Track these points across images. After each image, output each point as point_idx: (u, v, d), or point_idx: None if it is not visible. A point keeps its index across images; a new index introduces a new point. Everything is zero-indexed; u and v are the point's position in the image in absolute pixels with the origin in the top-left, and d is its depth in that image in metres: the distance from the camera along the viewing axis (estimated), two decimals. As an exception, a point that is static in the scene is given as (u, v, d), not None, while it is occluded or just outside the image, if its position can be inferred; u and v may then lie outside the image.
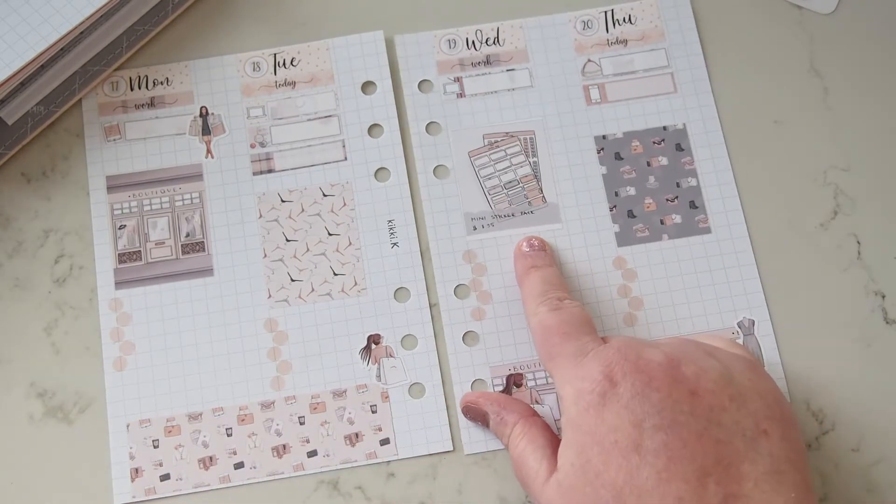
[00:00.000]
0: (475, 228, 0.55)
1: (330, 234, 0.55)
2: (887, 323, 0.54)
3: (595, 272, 0.54)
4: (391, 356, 0.53)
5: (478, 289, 0.54)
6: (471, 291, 0.54)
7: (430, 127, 0.57)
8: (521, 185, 0.55)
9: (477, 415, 0.50)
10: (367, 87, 0.57)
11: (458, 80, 0.57)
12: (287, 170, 0.56)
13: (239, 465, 0.51)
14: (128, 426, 0.52)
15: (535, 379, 0.52)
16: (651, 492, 0.40)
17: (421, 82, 0.57)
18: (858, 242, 0.55)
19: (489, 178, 0.55)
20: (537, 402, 0.51)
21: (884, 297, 0.54)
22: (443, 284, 0.54)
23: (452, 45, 0.58)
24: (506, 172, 0.56)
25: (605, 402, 0.42)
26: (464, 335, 0.53)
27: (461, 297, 0.54)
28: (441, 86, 0.57)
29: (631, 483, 0.40)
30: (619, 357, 0.43)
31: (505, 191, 0.55)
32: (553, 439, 0.46)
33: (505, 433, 0.49)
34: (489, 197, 0.55)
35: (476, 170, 0.56)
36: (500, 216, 0.55)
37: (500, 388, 0.52)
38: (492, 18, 0.59)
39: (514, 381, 0.52)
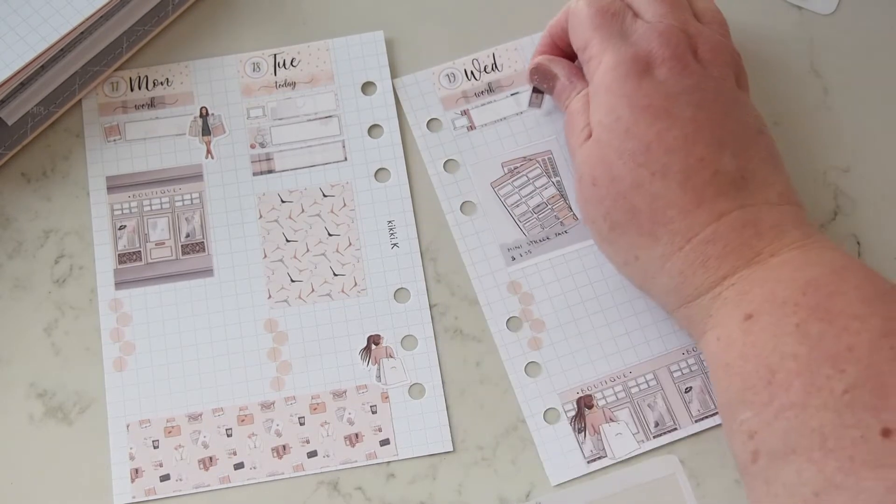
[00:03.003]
0: (514, 259, 0.54)
1: (330, 235, 0.55)
2: (887, 323, 0.54)
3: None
4: (391, 357, 0.53)
5: (529, 318, 0.53)
6: (523, 322, 0.53)
7: (448, 165, 0.56)
8: (549, 206, 0.55)
9: (545, 77, 0.54)
10: (367, 87, 0.57)
11: (465, 112, 0.57)
12: (287, 170, 0.56)
13: (239, 466, 0.51)
14: (128, 426, 0.52)
15: (604, 398, 0.52)
16: (677, 149, 0.46)
17: (429, 122, 0.57)
18: (858, 243, 0.55)
19: (517, 206, 0.55)
20: (612, 420, 0.51)
21: (884, 297, 0.54)
22: (493, 321, 0.53)
23: (452, 79, 0.57)
24: (532, 197, 0.55)
25: (644, 75, 0.47)
26: (525, 367, 0.52)
27: (514, 330, 0.53)
28: (450, 122, 0.57)
29: (659, 139, 0.46)
30: (662, 42, 0.48)
31: (535, 215, 0.55)
32: None
33: (570, 94, 0.52)
34: (521, 224, 0.55)
35: (502, 199, 0.55)
36: (535, 241, 0.54)
37: (573, 412, 0.51)
38: (493, 13, 0.59)
39: (585, 404, 0.51)
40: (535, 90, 0.56)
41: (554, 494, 0.49)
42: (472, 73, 0.58)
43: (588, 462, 0.51)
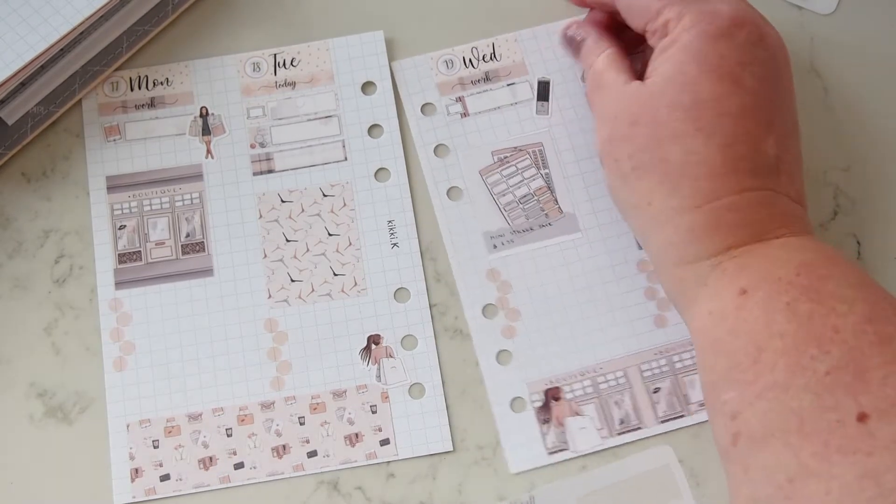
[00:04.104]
0: (495, 247, 0.54)
1: (330, 235, 0.55)
2: (887, 323, 0.54)
3: (620, 278, 0.54)
4: (391, 356, 0.53)
5: (505, 306, 0.53)
6: (498, 310, 0.53)
7: (438, 149, 0.56)
8: (535, 198, 0.55)
9: (574, 39, 0.55)
10: (367, 87, 0.57)
11: (460, 99, 0.57)
12: (287, 170, 0.56)
13: (239, 466, 0.51)
14: (128, 426, 0.52)
15: (572, 391, 0.52)
16: (730, 115, 0.46)
17: (424, 106, 0.57)
18: (858, 242, 0.55)
19: (503, 195, 0.55)
20: (578, 414, 0.51)
21: (884, 297, 0.54)
22: (470, 306, 0.53)
23: (450, 65, 0.58)
24: (519, 187, 0.55)
25: (722, 36, 0.47)
26: (497, 354, 0.53)
27: (489, 317, 0.53)
28: (444, 107, 0.57)
29: (716, 101, 0.46)
30: (747, 9, 0.49)
31: (520, 206, 0.55)
32: (633, 71, 0.51)
33: (597, 52, 0.52)
34: (505, 213, 0.55)
35: (489, 187, 0.55)
36: (518, 231, 0.55)
37: (540, 403, 0.52)
38: (492, 16, 0.59)
39: (552, 395, 0.52)
40: (541, 98, 0.56)
41: (548, 487, 0.49)
42: (470, 60, 0.58)
43: (549, 453, 0.51)
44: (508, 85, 0.57)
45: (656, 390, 0.52)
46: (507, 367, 0.52)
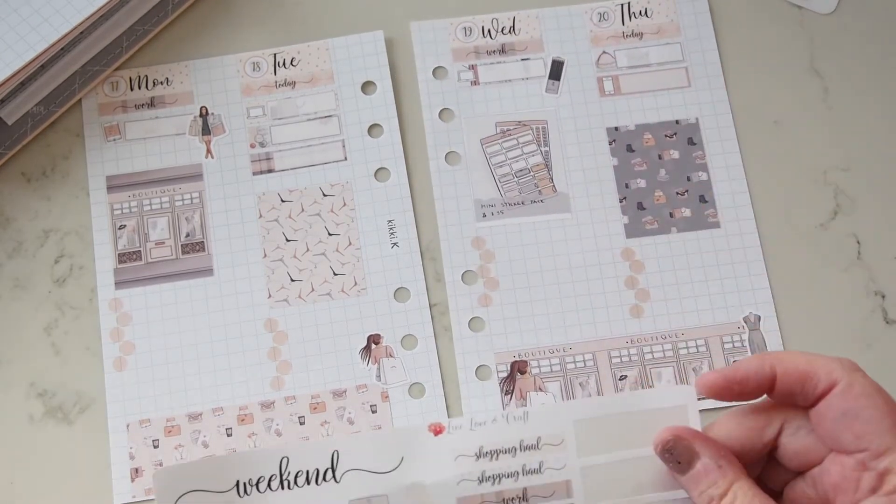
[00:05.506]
0: (484, 215, 0.55)
1: (330, 234, 0.55)
2: (887, 323, 0.54)
3: (603, 263, 0.54)
4: (391, 356, 0.53)
5: (485, 275, 0.54)
6: (478, 278, 0.54)
7: (444, 113, 0.57)
8: (531, 173, 0.56)
9: (682, 453, 0.40)
10: (367, 87, 0.57)
11: (472, 67, 0.57)
12: (287, 170, 0.56)
13: (239, 465, 0.51)
14: (128, 426, 0.52)
15: (539, 367, 0.52)
16: None
17: (435, 69, 0.57)
18: (858, 242, 0.55)
19: (500, 166, 0.56)
20: (541, 390, 0.52)
21: (884, 297, 0.54)
22: (450, 270, 0.54)
23: (468, 32, 0.58)
24: (517, 161, 0.56)
25: None
26: (470, 321, 0.53)
27: (468, 283, 0.54)
28: (455, 73, 0.57)
29: None
30: None
31: (515, 179, 0.55)
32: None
33: (716, 482, 0.40)
34: (500, 184, 0.55)
35: (487, 157, 0.56)
36: (509, 204, 0.55)
37: (505, 374, 0.52)
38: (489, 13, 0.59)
39: (518, 368, 0.52)
40: (553, 77, 0.56)
41: (543, 406, 0.45)
42: (488, 31, 0.58)
43: None
44: (522, 60, 0.58)
45: (622, 377, 0.52)
46: (479, 334, 0.53)
